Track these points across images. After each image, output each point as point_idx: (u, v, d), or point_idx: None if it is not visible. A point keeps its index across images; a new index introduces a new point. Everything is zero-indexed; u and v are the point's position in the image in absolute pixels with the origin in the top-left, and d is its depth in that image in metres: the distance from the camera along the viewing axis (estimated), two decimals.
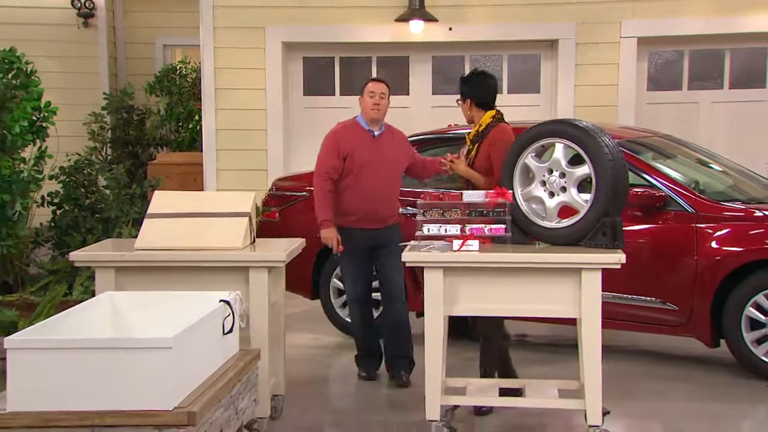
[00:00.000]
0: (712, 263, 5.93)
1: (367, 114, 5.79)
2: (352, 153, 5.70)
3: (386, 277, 5.87)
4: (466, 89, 5.51)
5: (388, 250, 5.78)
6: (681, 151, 7.04)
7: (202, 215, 5.04)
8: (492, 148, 5.33)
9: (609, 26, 9.14)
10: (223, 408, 4.05)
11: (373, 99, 5.74)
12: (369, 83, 5.84)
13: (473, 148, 5.46)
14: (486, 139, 5.39)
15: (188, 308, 4.21)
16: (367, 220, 5.75)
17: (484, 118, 5.45)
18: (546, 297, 4.68)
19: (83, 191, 8.60)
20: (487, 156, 5.35)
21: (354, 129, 5.82)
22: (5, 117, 7.74)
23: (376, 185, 5.72)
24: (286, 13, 9.24)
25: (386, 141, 5.82)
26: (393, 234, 5.80)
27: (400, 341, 5.90)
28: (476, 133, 5.44)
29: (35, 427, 3.61)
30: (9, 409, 3.65)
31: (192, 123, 11.18)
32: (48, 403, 3.63)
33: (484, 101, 5.48)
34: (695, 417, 5.31)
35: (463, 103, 5.51)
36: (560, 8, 9.15)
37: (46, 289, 7.55)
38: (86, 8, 11.27)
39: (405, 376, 5.83)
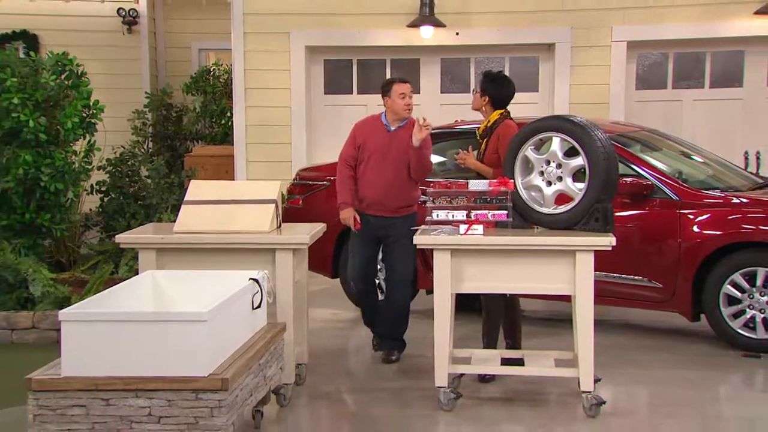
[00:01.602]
0: (694, 245, 5.90)
1: (397, 113, 5.58)
2: (364, 144, 5.62)
3: (390, 265, 5.72)
4: (490, 88, 5.43)
5: (395, 239, 5.61)
6: (666, 144, 7.00)
7: (233, 202, 5.04)
8: (500, 143, 5.30)
9: (601, 31, 9.08)
10: (252, 375, 4.06)
11: (405, 100, 5.55)
12: (397, 85, 5.59)
13: (482, 142, 5.43)
14: (494, 135, 5.36)
15: (221, 285, 4.22)
16: (375, 207, 5.61)
17: (493, 115, 5.42)
18: (544, 276, 4.67)
19: (127, 180, 8.62)
20: (496, 150, 5.31)
21: (373, 123, 5.71)
22: (59, 114, 7.76)
23: (381, 175, 5.56)
24: (309, 19, 9.21)
25: (401, 135, 5.60)
26: (403, 224, 5.57)
27: (394, 326, 5.75)
28: (485, 129, 5.42)
29: (86, 390, 3.64)
30: (63, 374, 3.68)
31: (224, 119, 11.17)
32: (97, 370, 3.66)
33: (500, 103, 5.45)
34: (678, 383, 5.29)
35: (481, 97, 5.44)
36: (557, 15, 9.10)
37: (95, 268, 7.58)
38: (130, 16, 11.26)
39: (396, 355, 5.72)
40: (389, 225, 5.62)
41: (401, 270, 5.71)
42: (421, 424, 4.64)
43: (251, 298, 4.30)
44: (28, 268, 6.58)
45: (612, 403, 4.84)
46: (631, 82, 9.33)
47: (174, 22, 12.00)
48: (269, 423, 4.60)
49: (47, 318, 6.20)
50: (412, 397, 5.05)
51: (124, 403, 3.63)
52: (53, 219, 7.81)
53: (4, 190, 7.62)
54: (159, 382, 3.63)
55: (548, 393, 5.09)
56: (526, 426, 4.59)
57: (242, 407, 3.91)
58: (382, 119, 5.68)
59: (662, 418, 4.74)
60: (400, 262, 5.68)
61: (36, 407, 3.65)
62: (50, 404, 3.64)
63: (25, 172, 7.58)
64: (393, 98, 5.58)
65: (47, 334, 6.16)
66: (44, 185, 7.65)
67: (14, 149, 7.64)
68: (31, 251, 7.55)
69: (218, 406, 3.62)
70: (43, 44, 10.86)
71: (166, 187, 8.50)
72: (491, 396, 5.06)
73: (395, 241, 5.63)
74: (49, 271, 6.96)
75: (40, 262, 7.08)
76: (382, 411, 4.86)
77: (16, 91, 7.53)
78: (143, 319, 3.73)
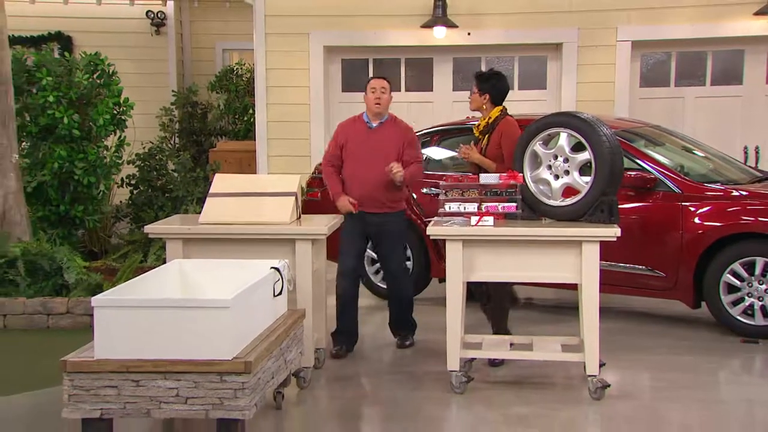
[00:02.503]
0: (695, 236, 5.86)
1: (370, 109, 5.48)
2: (346, 143, 5.46)
3: (385, 259, 5.60)
4: (487, 86, 5.40)
5: (388, 234, 5.49)
6: (669, 139, 6.94)
7: (255, 195, 5.04)
8: (503, 138, 5.28)
9: (606, 31, 9.01)
10: (274, 358, 4.06)
11: (375, 94, 5.43)
12: (371, 81, 5.52)
13: (483, 138, 5.40)
14: (495, 131, 5.34)
15: (244, 274, 4.23)
16: (370, 204, 5.41)
17: (493, 112, 5.39)
18: (551, 265, 4.65)
19: (155, 174, 8.65)
20: (498, 145, 5.30)
21: (355, 123, 5.55)
22: (91, 111, 7.80)
23: (364, 173, 5.38)
24: (328, 21, 9.20)
25: (382, 133, 5.45)
26: (395, 219, 5.50)
27: (402, 312, 5.71)
28: (486, 125, 5.38)
29: (117, 372, 3.66)
30: (96, 357, 3.70)
31: (247, 116, 11.17)
32: (128, 352, 3.67)
33: (499, 98, 5.43)
34: (679, 367, 5.26)
35: (480, 96, 5.40)
36: (564, 16, 9.05)
37: (125, 257, 7.62)
38: (158, 18, 11.28)
39: (409, 339, 5.69)
40: (383, 221, 5.47)
41: (398, 263, 5.64)
42: (434, 405, 4.63)
43: (272, 286, 4.30)
44: (63, 256, 6.61)
45: (616, 386, 4.82)
46: (635, 80, 9.26)
47: (199, 24, 12.01)
48: (290, 404, 4.62)
49: (81, 304, 6.23)
50: (425, 380, 5.05)
51: (153, 384, 3.65)
52: (86, 210, 7.86)
53: (41, 184, 7.68)
54: (186, 365, 3.64)
55: (555, 377, 5.08)
56: (534, 407, 4.57)
57: (264, 389, 3.91)
58: (364, 117, 5.54)
59: (664, 401, 4.71)
60: (395, 255, 5.59)
61: (71, 387, 3.67)
62: (84, 385, 3.66)
63: (60, 166, 7.63)
64: (366, 93, 5.49)
65: (81, 318, 6.20)
66: (78, 179, 7.70)
67: (50, 144, 7.69)
68: (66, 241, 7.61)
69: (242, 388, 3.63)
70: (77, 45, 10.89)
71: (192, 180, 8.52)
72: (501, 379, 5.05)
73: (389, 237, 5.52)
74: (82, 260, 7.00)
75: (74, 251, 7.12)
76: (396, 393, 4.86)
77: (51, 90, 7.58)
78: (171, 306, 3.73)
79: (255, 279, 4.08)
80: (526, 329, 5.88)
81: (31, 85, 7.74)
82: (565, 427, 4.36)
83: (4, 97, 6.94)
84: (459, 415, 4.58)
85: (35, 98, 7.63)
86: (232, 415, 3.64)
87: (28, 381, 5.02)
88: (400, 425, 4.42)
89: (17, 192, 7.03)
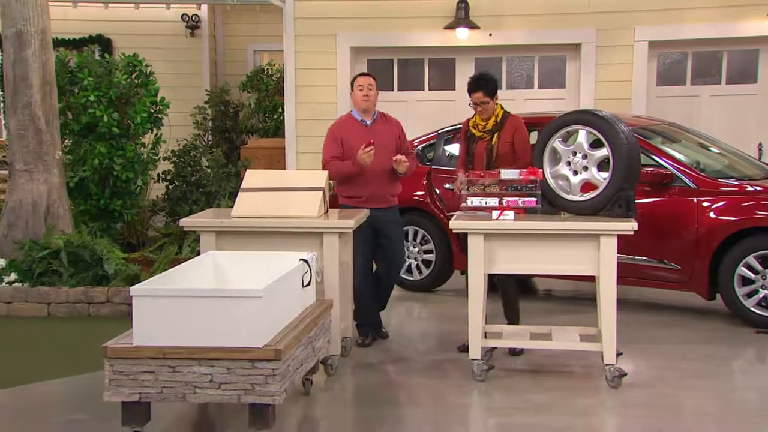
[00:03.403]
0: (711, 230, 5.80)
1: (358, 105, 5.40)
2: (345, 139, 5.35)
3: (387, 254, 5.50)
4: (492, 89, 5.21)
5: (391, 230, 5.45)
6: (685, 136, 6.86)
7: (284, 190, 5.04)
8: (516, 135, 5.20)
9: (624, 32, 8.92)
10: (303, 346, 4.07)
11: (363, 91, 5.35)
12: (357, 78, 5.43)
13: (490, 137, 5.24)
14: (505, 128, 5.22)
15: (274, 265, 4.23)
16: (373, 200, 5.37)
17: (497, 111, 5.27)
18: (570, 258, 4.62)
19: (190, 170, 8.70)
20: (508, 142, 5.20)
21: (348, 121, 5.48)
22: (130, 110, 7.86)
23: (373, 170, 5.27)
24: (355, 23, 9.19)
25: (378, 128, 5.41)
26: (395, 214, 5.49)
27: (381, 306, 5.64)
28: (495, 124, 5.24)
29: (154, 358, 3.68)
30: (135, 344, 3.73)
31: (276, 114, 11.20)
32: (164, 340, 3.69)
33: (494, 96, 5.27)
34: (694, 357, 5.21)
35: (492, 100, 5.22)
36: (583, 17, 8.98)
37: (161, 249, 7.67)
38: (193, 21, 11.34)
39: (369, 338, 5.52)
40: (385, 216, 5.42)
41: (399, 258, 5.59)
42: (456, 392, 4.62)
43: (301, 277, 4.31)
44: (103, 248, 6.67)
45: (633, 375, 4.78)
46: (653, 79, 9.16)
47: (231, 26, 12.06)
48: (318, 390, 4.63)
49: (120, 293, 6.29)
50: (448, 368, 5.03)
51: (189, 370, 3.67)
52: (124, 205, 7.93)
53: (82, 179, 7.76)
54: (219, 352, 3.65)
55: (573, 366, 5.05)
56: (553, 395, 4.55)
57: (293, 376, 3.92)
58: (354, 116, 5.47)
59: (680, 389, 4.67)
60: (398, 251, 5.54)
61: (111, 372, 3.70)
62: (123, 370, 3.69)
63: (100, 162, 7.70)
64: (354, 91, 5.43)
65: (120, 307, 6.26)
66: (117, 174, 7.77)
67: (91, 142, 7.76)
68: (105, 233, 7.68)
69: (272, 375, 3.63)
70: (116, 47, 10.99)
71: (224, 176, 8.56)
72: (520, 368, 5.02)
73: (392, 232, 5.47)
74: (120, 251, 7.06)
75: (113, 243, 7.19)
76: (420, 380, 4.86)
77: (92, 90, 7.65)
78: (205, 295, 3.76)
79: (285, 270, 4.09)
80: (545, 320, 5.85)
81: (73, 85, 7.81)
82: (582, 413, 4.33)
83: (48, 96, 7.02)
84: (480, 401, 4.56)
85: (77, 98, 7.70)
86: (263, 400, 3.65)
87: (71, 366, 5.08)
88: (424, 411, 4.41)
89: (60, 187, 7.10)
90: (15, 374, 4.96)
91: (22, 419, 4.40)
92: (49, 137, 6.98)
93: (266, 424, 3.68)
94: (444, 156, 7.06)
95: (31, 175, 6.91)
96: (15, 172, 6.95)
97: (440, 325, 6.15)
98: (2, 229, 6.95)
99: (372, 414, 4.43)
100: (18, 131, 6.90)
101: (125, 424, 3.77)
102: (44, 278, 6.51)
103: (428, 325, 6.30)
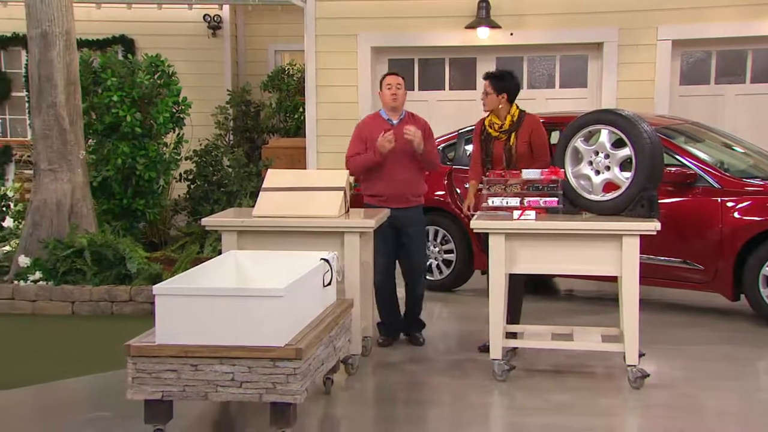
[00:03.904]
0: (735, 230, 5.75)
1: (386, 104, 5.40)
2: (370, 138, 5.31)
3: (408, 255, 5.47)
4: (503, 86, 5.19)
5: (412, 230, 5.41)
6: (709, 135, 6.80)
7: (305, 189, 5.05)
8: (533, 135, 5.17)
9: (647, 31, 8.85)
10: (323, 346, 4.08)
11: (391, 90, 5.35)
12: (386, 77, 5.44)
13: (506, 136, 5.20)
14: (522, 128, 5.18)
15: (295, 264, 4.25)
16: (394, 200, 5.35)
17: (513, 110, 5.23)
18: (592, 258, 4.60)
19: (211, 169, 8.74)
20: (526, 142, 5.17)
21: (375, 120, 5.46)
22: (152, 110, 7.92)
23: (396, 169, 5.30)
24: (375, 22, 9.19)
25: (404, 127, 5.32)
26: (416, 214, 5.44)
27: (416, 310, 5.59)
28: (511, 123, 5.21)
29: (177, 357, 3.71)
30: (157, 342, 3.76)
31: (297, 114, 11.23)
32: (187, 338, 3.71)
33: (513, 97, 5.25)
34: (718, 358, 5.17)
35: (497, 96, 5.19)
36: (605, 16, 8.92)
37: (183, 248, 7.72)
38: (214, 22, 11.41)
39: (421, 338, 5.55)
40: (406, 216, 5.40)
41: (421, 259, 5.56)
42: (476, 392, 4.62)
43: (322, 277, 4.32)
44: (126, 247, 6.73)
45: (655, 375, 4.74)
46: (676, 78, 9.09)
47: (253, 27, 12.12)
48: (338, 389, 4.64)
49: (142, 292, 6.34)
50: (468, 368, 5.03)
51: (211, 368, 3.69)
52: (147, 204, 7.98)
53: (105, 178, 7.82)
54: (241, 351, 3.67)
55: (595, 366, 5.02)
56: (574, 395, 4.53)
57: (315, 375, 3.94)
58: (382, 115, 5.47)
59: (703, 390, 4.63)
60: (418, 251, 5.51)
61: (134, 370, 3.73)
62: (146, 368, 3.72)
63: (123, 161, 7.76)
64: (382, 90, 5.43)
65: (142, 306, 6.31)
66: (139, 174, 7.83)
67: (114, 141, 7.83)
68: (128, 232, 7.74)
69: (293, 374, 3.65)
70: (139, 47, 11.07)
71: (245, 175, 8.60)
72: (542, 368, 5.01)
73: (412, 232, 5.44)
74: (143, 251, 7.11)
75: (136, 242, 7.24)
76: (441, 380, 4.86)
77: (115, 90, 7.71)
78: (227, 294, 3.78)
79: (306, 269, 4.10)
80: (566, 320, 5.83)
81: (97, 85, 7.88)
82: (604, 414, 4.31)
83: (72, 96, 7.09)
84: (501, 401, 4.55)
85: (101, 98, 7.77)
86: (285, 399, 3.66)
87: (94, 364, 5.13)
88: (444, 411, 4.41)
89: (84, 186, 7.17)
90: (39, 372, 5.02)
91: (47, 416, 4.45)
92: (73, 137, 7.05)
93: (287, 423, 3.70)
94: (465, 156, 7.05)
95: (56, 174, 6.98)
96: (40, 172, 7.03)
97: (461, 325, 6.14)
98: (27, 228, 7.03)
99: (392, 413, 4.43)
100: (43, 131, 6.98)
101: (148, 422, 3.80)
102: (68, 277, 6.58)
103: (449, 325, 6.30)
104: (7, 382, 4.83)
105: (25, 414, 4.54)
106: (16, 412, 4.50)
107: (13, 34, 11.12)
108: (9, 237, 8.07)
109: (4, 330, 6.08)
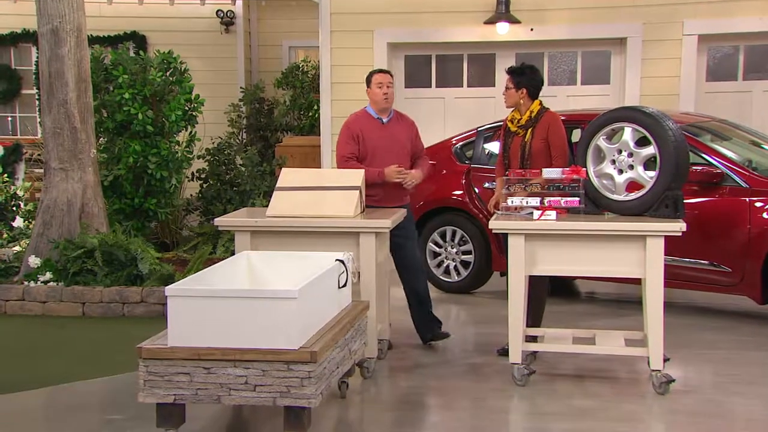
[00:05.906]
0: (764, 231, 5.69)
1: (377, 104, 5.37)
2: (363, 139, 5.32)
3: (405, 253, 5.46)
4: (524, 80, 5.16)
5: (406, 227, 5.37)
6: (736, 133, 6.75)
7: (320, 189, 5.05)
8: (550, 132, 5.12)
9: (672, 26, 8.80)
10: (339, 348, 4.09)
11: (382, 89, 5.32)
12: (376, 75, 5.39)
13: (523, 132, 5.19)
14: (540, 124, 5.15)
15: (310, 265, 4.25)
16: (388, 198, 5.35)
17: (533, 106, 5.19)
18: (614, 260, 4.57)
19: (224, 168, 8.77)
20: (543, 138, 5.13)
21: (364, 118, 5.42)
22: (164, 108, 7.95)
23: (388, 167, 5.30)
24: (391, 18, 9.20)
25: (394, 126, 5.41)
26: (409, 212, 5.44)
27: (426, 307, 5.55)
28: (528, 119, 5.18)
29: (189, 359, 3.72)
30: (169, 344, 3.77)
31: (312, 111, 11.25)
32: (199, 340, 3.73)
33: (535, 92, 5.21)
34: (744, 363, 5.12)
35: (517, 91, 5.17)
36: (629, 10, 8.87)
37: (195, 249, 7.74)
38: (227, 17, 11.46)
39: (443, 334, 5.51)
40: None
41: (417, 256, 5.56)
42: (495, 396, 4.61)
43: (337, 278, 4.32)
44: (137, 248, 6.76)
45: (681, 381, 4.72)
46: (702, 74, 9.02)
47: (266, 22, 12.15)
48: (354, 393, 4.65)
49: (154, 293, 6.37)
50: (487, 372, 5.02)
51: (223, 371, 3.70)
52: (159, 203, 8.02)
53: (117, 177, 7.87)
54: (254, 354, 3.68)
55: (618, 371, 4.99)
56: (596, 400, 4.51)
57: (329, 378, 3.94)
58: (370, 112, 5.44)
59: (729, 395, 4.60)
60: (413, 248, 5.52)
61: (146, 373, 3.75)
62: (158, 371, 3.74)
63: (135, 160, 7.80)
64: (372, 88, 5.39)
65: (154, 307, 6.34)
66: (151, 172, 7.86)
67: (125, 140, 7.87)
68: (139, 233, 7.78)
69: (308, 377, 3.65)
70: (151, 44, 11.14)
71: (259, 174, 8.62)
72: (563, 372, 4.99)
73: (407, 230, 5.44)
74: (155, 251, 7.15)
75: (147, 243, 7.28)
76: (459, 384, 4.85)
77: (127, 87, 7.75)
78: (240, 296, 3.78)
79: (321, 271, 4.10)
80: (588, 323, 5.80)
81: (108, 82, 7.93)
82: (627, 419, 4.29)
83: (83, 94, 7.13)
84: (520, 406, 4.54)
85: (112, 95, 7.81)
86: (299, 403, 3.67)
87: (105, 366, 5.16)
88: (461, 415, 4.41)
89: (95, 185, 7.22)
90: (51, 374, 5.06)
91: (58, 419, 4.49)
92: (84, 135, 7.09)
93: (302, 427, 3.71)
94: (483, 154, 7.03)
95: (66, 173, 7.03)
96: (50, 171, 7.08)
97: (479, 328, 6.12)
98: (37, 228, 7.08)
99: (408, 418, 4.43)
100: (53, 129, 7.03)
101: (160, 425, 3.82)
102: (79, 277, 6.62)
103: (466, 328, 6.29)
104: (17, 384, 4.87)
105: (37, 416, 4.57)
106: (27, 415, 4.54)
107: (23, 30, 11.22)
108: (19, 237, 8.15)
109: (15, 331, 6.13)
